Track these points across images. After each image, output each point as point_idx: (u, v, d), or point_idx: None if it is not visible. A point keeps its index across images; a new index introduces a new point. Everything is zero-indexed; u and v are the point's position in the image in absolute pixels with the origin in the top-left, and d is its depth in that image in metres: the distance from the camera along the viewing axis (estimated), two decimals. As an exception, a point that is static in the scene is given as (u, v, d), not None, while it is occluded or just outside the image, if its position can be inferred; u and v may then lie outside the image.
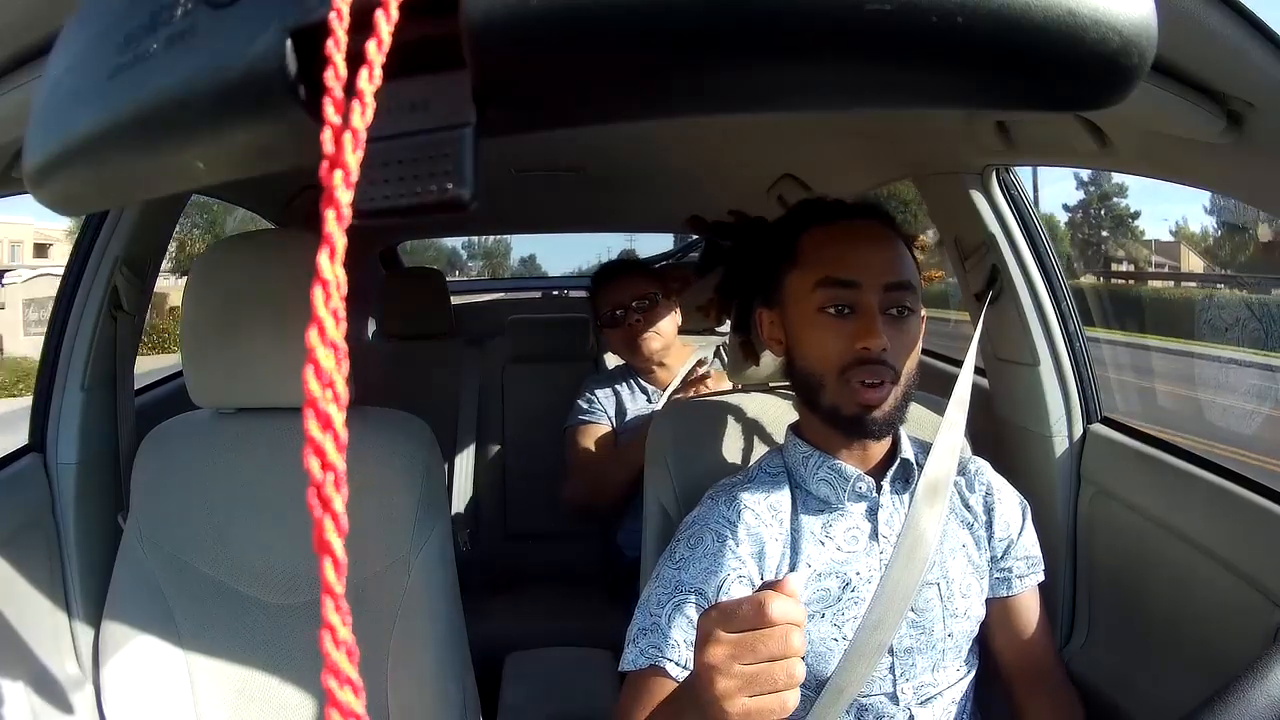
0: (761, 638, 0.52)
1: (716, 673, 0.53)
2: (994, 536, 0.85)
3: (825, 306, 0.77)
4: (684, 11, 0.20)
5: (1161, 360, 6.71)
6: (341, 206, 0.19)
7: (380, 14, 0.20)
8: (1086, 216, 17.82)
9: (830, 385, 0.78)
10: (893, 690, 0.78)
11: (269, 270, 0.91)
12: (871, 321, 0.75)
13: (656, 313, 1.59)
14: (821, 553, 0.79)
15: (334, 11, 0.20)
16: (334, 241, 0.19)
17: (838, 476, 0.81)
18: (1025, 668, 0.86)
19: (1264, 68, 0.53)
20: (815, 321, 0.78)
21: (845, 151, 1.30)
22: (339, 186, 0.19)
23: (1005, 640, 0.87)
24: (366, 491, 0.93)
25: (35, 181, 0.30)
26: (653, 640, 0.73)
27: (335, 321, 0.19)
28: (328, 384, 0.18)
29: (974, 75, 0.22)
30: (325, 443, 0.18)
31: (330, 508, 0.18)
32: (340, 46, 0.20)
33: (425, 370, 1.92)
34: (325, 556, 0.18)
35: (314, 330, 0.18)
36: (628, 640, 0.75)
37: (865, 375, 0.75)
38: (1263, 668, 0.53)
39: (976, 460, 0.90)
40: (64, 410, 1.03)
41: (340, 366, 0.19)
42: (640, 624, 0.75)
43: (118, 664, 0.90)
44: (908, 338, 0.77)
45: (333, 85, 0.20)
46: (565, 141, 1.36)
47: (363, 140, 0.20)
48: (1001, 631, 0.86)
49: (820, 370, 0.78)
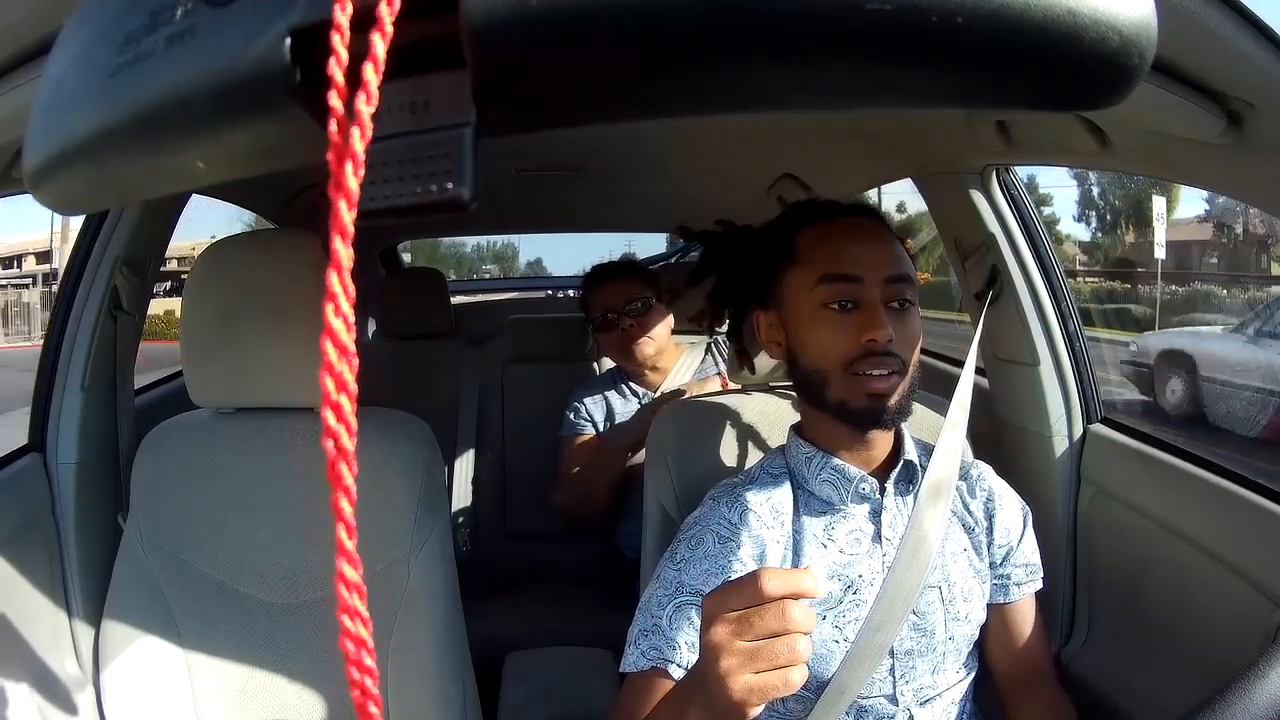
0: (759, 613, 0.53)
1: (720, 651, 0.53)
2: (994, 542, 0.85)
3: (828, 302, 0.77)
4: (683, 11, 0.20)
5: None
6: (352, 194, 0.19)
7: (384, 6, 0.20)
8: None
9: (835, 380, 0.78)
10: (892, 692, 0.78)
11: (269, 270, 0.91)
12: (876, 314, 0.76)
13: (650, 317, 1.57)
14: (823, 555, 0.79)
15: (337, 5, 0.20)
16: (344, 227, 0.19)
17: (840, 477, 0.81)
18: (1020, 674, 0.86)
19: (1264, 68, 0.53)
20: (818, 318, 0.78)
21: (845, 151, 1.30)
22: (348, 175, 0.19)
23: (1001, 646, 0.86)
24: (366, 491, 0.92)
25: (35, 181, 0.30)
26: (654, 642, 0.73)
27: (349, 300, 0.19)
28: (341, 384, 0.19)
29: (974, 75, 0.22)
30: (340, 432, 0.19)
31: (344, 517, 0.19)
32: (346, 39, 0.20)
33: (425, 370, 1.92)
34: (341, 558, 0.18)
35: (329, 306, 0.19)
36: (629, 641, 0.75)
37: (873, 367, 0.76)
38: (1263, 668, 0.53)
39: (979, 465, 0.89)
40: (64, 410, 1.03)
41: (350, 362, 0.19)
42: (641, 625, 0.75)
43: (118, 664, 0.90)
44: (910, 329, 0.78)
45: (336, 75, 0.20)
46: (565, 141, 1.36)
47: (369, 130, 0.20)
48: (998, 638, 0.86)
49: (824, 366, 0.78)
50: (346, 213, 0.19)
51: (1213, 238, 13.44)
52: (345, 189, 0.19)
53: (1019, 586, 0.85)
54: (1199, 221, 13.60)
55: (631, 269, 1.68)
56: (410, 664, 0.91)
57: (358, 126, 0.19)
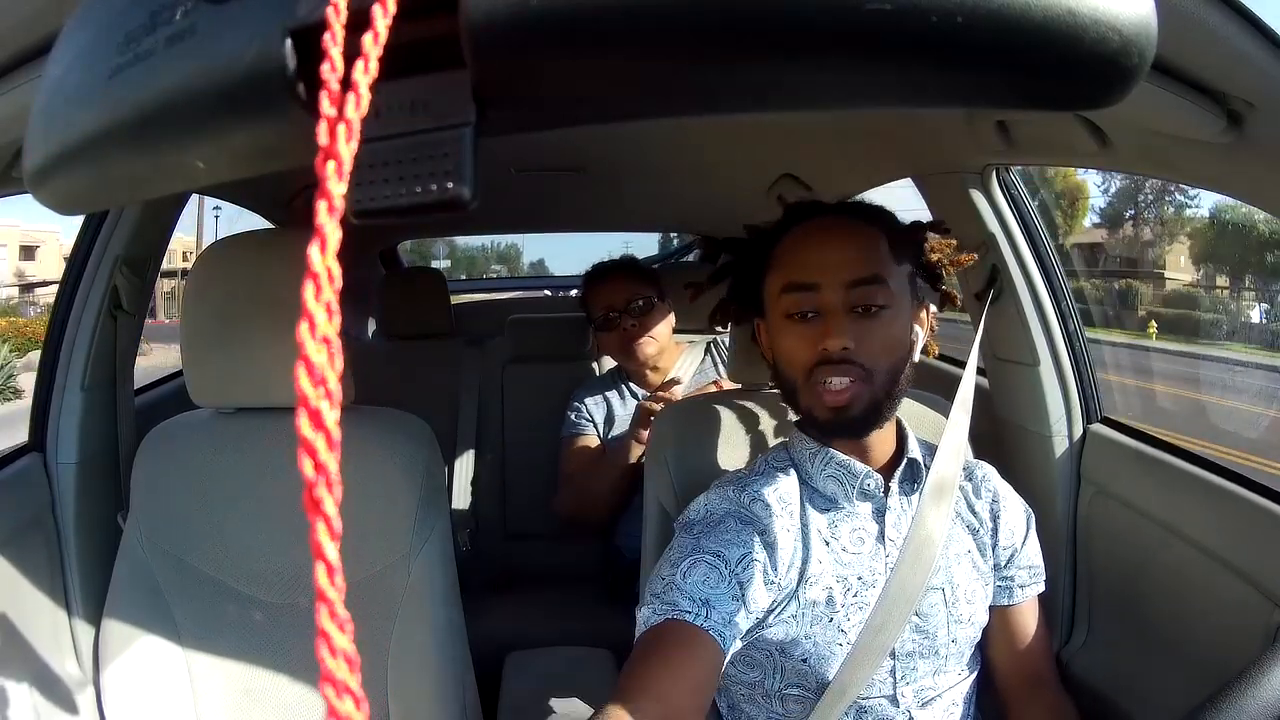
0: None
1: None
2: (999, 544, 0.84)
3: (791, 311, 0.77)
4: (683, 11, 0.20)
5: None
6: (334, 198, 0.19)
7: (378, 8, 0.20)
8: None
9: (801, 389, 0.77)
10: (893, 693, 0.78)
11: (269, 270, 0.91)
12: (830, 322, 0.74)
13: (651, 317, 1.55)
14: (826, 553, 0.78)
15: (331, 7, 0.20)
16: (326, 234, 0.19)
17: (846, 473, 0.80)
18: (1022, 676, 0.86)
19: (1264, 68, 0.53)
20: (784, 327, 0.78)
21: (845, 151, 1.30)
22: (331, 178, 0.19)
23: (1003, 648, 0.86)
24: (366, 491, 0.93)
25: (35, 181, 0.30)
26: (669, 598, 0.70)
27: (328, 316, 0.19)
28: (319, 382, 0.18)
29: (974, 75, 0.22)
30: (317, 441, 0.18)
31: (322, 509, 0.18)
32: (337, 40, 0.20)
33: (425, 370, 1.92)
34: (319, 561, 0.18)
35: (304, 325, 0.18)
36: (642, 603, 0.72)
37: (828, 375, 0.74)
38: (1263, 668, 0.53)
39: (983, 466, 0.89)
40: (64, 410, 1.03)
41: (333, 362, 0.18)
42: (654, 589, 0.72)
43: (118, 663, 0.90)
44: (879, 334, 0.75)
45: (329, 78, 0.20)
46: (565, 141, 1.36)
47: (357, 132, 0.20)
48: (1000, 640, 0.86)
49: (791, 375, 0.78)
50: (327, 215, 0.19)
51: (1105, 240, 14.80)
52: (328, 194, 0.19)
53: (1022, 589, 0.85)
54: (1094, 227, 14.72)
55: (633, 267, 1.65)
56: (410, 664, 0.91)
57: (344, 125, 0.19)
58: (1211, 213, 15.24)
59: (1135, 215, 17.16)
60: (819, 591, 0.77)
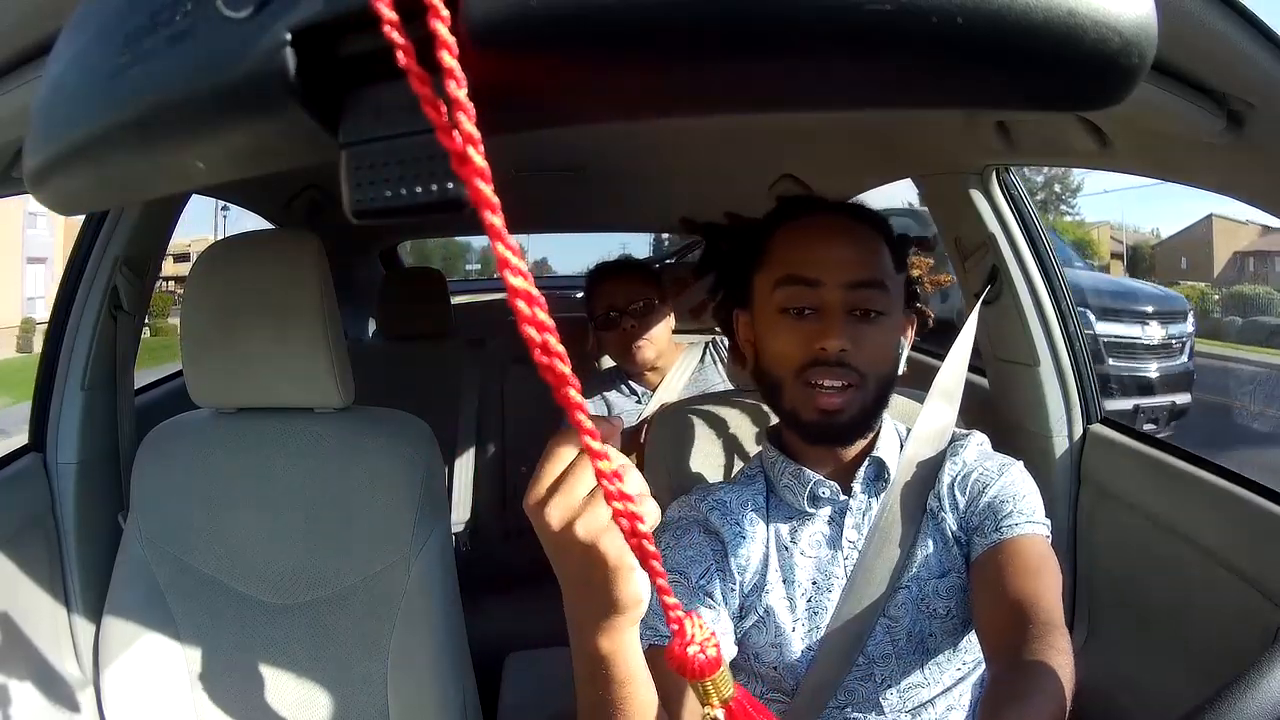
0: (570, 472, 0.42)
1: (540, 518, 0.42)
2: (959, 507, 0.77)
3: (786, 306, 0.75)
4: (683, 11, 0.20)
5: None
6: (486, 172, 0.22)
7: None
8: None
9: (788, 387, 0.75)
10: (876, 699, 0.75)
11: (269, 270, 0.91)
12: (830, 322, 0.72)
13: (651, 318, 1.56)
14: (787, 560, 0.78)
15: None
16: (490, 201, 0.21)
17: (797, 483, 0.79)
18: (1005, 625, 0.65)
19: (1264, 68, 0.53)
20: (776, 323, 0.75)
21: (845, 151, 1.30)
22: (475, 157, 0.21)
23: (984, 602, 0.70)
24: (367, 491, 0.93)
25: (35, 181, 0.30)
26: (648, 621, 0.66)
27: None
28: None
29: (974, 76, 0.22)
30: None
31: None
32: (400, 31, 0.20)
33: (425, 370, 1.92)
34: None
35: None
36: None
37: (822, 377, 0.73)
38: (1263, 668, 0.52)
39: (962, 441, 0.82)
40: (64, 410, 1.03)
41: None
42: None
43: (118, 663, 0.90)
44: (875, 340, 0.74)
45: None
46: (565, 141, 1.36)
47: (473, 112, 0.21)
48: (980, 596, 0.71)
49: (779, 372, 0.76)
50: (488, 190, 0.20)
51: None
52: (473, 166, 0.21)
53: (998, 530, 0.72)
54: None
55: (637, 268, 1.66)
56: (410, 664, 0.91)
57: (461, 111, 0.20)
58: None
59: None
60: (778, 599, 0.76)
